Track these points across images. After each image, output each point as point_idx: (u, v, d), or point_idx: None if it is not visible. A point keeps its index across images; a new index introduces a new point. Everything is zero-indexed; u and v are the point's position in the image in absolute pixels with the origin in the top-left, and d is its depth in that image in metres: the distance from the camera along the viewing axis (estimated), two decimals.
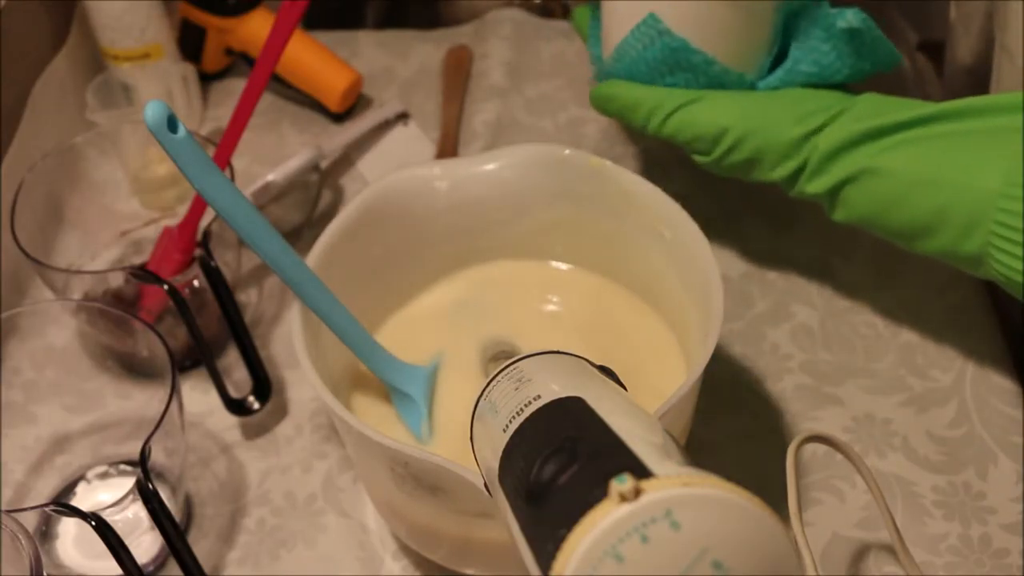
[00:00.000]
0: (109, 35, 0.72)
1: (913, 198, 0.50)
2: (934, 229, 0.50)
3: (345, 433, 0.48)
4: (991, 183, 0.47)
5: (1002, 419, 0.56)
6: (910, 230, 0.51)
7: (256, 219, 0.44)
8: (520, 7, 0.85)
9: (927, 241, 0.51)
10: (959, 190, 0.48)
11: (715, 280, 0.47)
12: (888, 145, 0.51)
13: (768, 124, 0.55)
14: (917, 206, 0.50)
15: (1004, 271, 0.47)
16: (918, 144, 0.50)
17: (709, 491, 0.26)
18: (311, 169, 0.70)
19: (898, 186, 0.50)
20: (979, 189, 0.47)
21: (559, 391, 0.35)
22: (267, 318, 0.64)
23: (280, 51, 0.55)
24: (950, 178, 0.48)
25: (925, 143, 0.50)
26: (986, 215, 0.47)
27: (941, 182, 0.49)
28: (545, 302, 0.56)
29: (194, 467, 0.57)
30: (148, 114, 0.39)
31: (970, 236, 0.48)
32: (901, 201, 0.51)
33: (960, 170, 0.48)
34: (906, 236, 0.52)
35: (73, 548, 0.52)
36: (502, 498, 0.34)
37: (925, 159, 0.50)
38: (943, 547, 0.51)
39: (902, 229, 0.52)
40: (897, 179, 0.50)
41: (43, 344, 0.59)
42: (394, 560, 0.52)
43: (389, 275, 0.55)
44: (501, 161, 0.54)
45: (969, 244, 0.48)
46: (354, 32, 0.84)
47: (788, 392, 0.58)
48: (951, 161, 0.49)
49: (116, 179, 0.68)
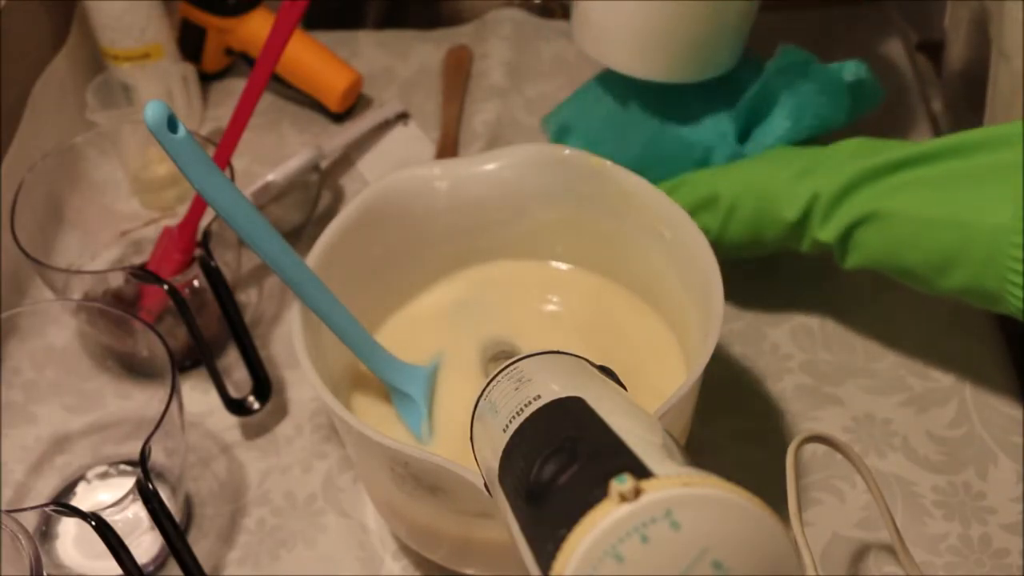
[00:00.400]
0: (109, 35, 0.72)
1: (925, 238, 0.50)
2: (949, 268, 0.50)
3: (345, 433, 0.48)
4: (1002, 219, 0.47)
5: (1002, 419, 0.56)
6: (924, 270, 0.51)
7: (256, 219, 0.44)
8: (520, 7, 0.85)
9: (943, 280, 0.50)
10: (971, 228, 0.48)
11: (715, 280, 0.47)
12: (894, 185, 0.51)
13: (757, 178, 0.56)
14: (930, 246, 0.50)
15: (1022, 306, 0.47)
16: (924, 184, 0.50)
17: (709, 491, 0.26)
18: (311, 169, 0.70)
19: (910, 227, 0.50)
20: (990, 226, 0.47)
21: (559, 391, 0.35)
22: (267, 318, 0.64)
23: (280, 51, 0.55)
24: (960, 216, 0.48)
25: (931, 182, 0.50)
26: (1000, 251, 0.47)
27: (952, 221, 0.49)
28: (545, 302, 0.56)
29: (194, 467, 0.57)
30: (148, 114, 0.39)
31: (986, 273, 0.48)
32: (914, 242, 0.50)
33: (970, 208, 0.48)
34: (921, 277, 0.52)
35: (73, 548, 0.52)
36: (502, 498, 0.34)
37: (933, 198, 0.50)
38: (943, 547, 0.51)
39: (916, 270, 0.51)
40: (908, 220, 0.50)
41: (43, 344, 0.59)
42: (394, 560, 0.52)
43: (389, 275, 0.55)
44: (501, 161, 0.54)
45: (985, 281, 0.48)
46: (354, 32, 0.84)
47: (788, 392, 0.58)
48: (959, 200, 0.49)
49: (116, 179, 0.68)
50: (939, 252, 0.50)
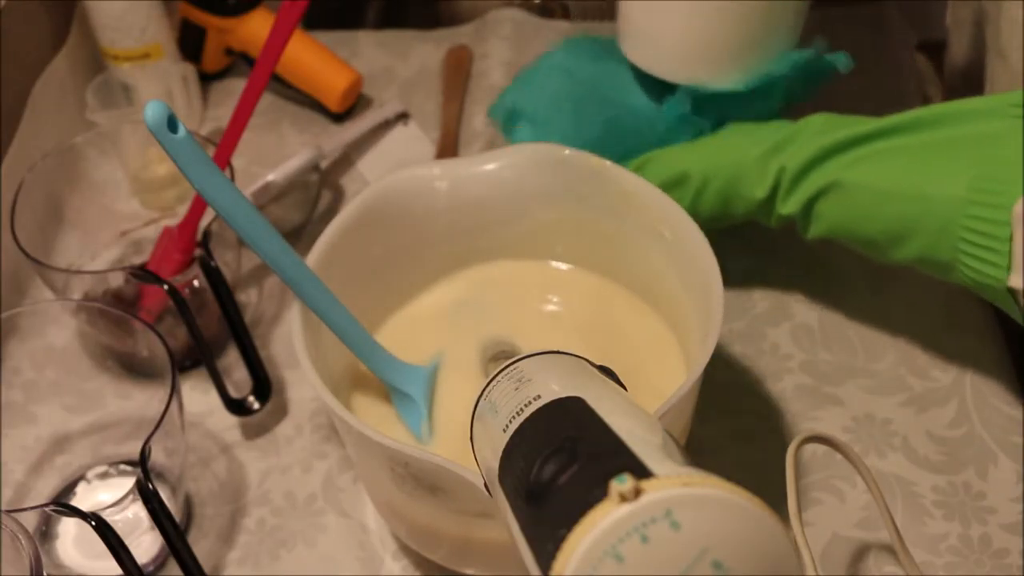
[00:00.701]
0: (109, 35, 0.72)
1: (883, 209, 0.51)
2: (904, 238, 0.51)
3: (345, 433, 0.48)
4: (957, 191, 0.48)
5: (1002, 419, 0.56)
6: (882, 240, 0.52)
7: (256, 219, 0.44)
8: (520, 7, 0.85)
9: (898, 250, 0.52)
10: (926, 200, 0.49)
11: (715, 280, 0.47)
12: (856, 158, 0.52)
13: (727, 157, 0.56)
14: (887, 217, 0.51)
15: (973, 275, 0.48)
16: (884, 156, 0.51)
17: (709, 491, 0.26)
18: (311, 169, 0.70)
19: (868, 198, 0.51)
20: (946, 198, 0.48)
21: (559, 391, 0.35)
22: (267, 318, 0.64)
23: (280, 51, 0.55)
24: (917, 189, 0.49)
25: (890, 155, 0.51)
26: (954, 222, 0.48)
27: (909, 193, 0.50)
28: (545, 302, 0.56)
29: (194, 467, 0.57)
30: (148, 114, 0.39)
31: (940, 244, 0.49)
32: (871, 213, 0.51)
33: (926, 180, 0.49)
34: (878, 246, 0.53)
35: (73, 548, 0.52)
36: (502, 498, 0.34)
37: (892, 171, 0.51)
38: (943, 547, 0.51)
39: (874, 239, 0.52)
40: (866, 191, 0.51)
41: (43, 344, 0.59)
42: (394, 560, 0.52)
43: (389, 275, 0.55)
44: (501, 161, 0.54)
45: (939, 252, 0.49)
46: (354, 32, 0.84)
47: (788, 392, 0.58)
48: (917, 171, 0.50)
49: (116, 179, 0.68)
50: (896, 222, 0.51)
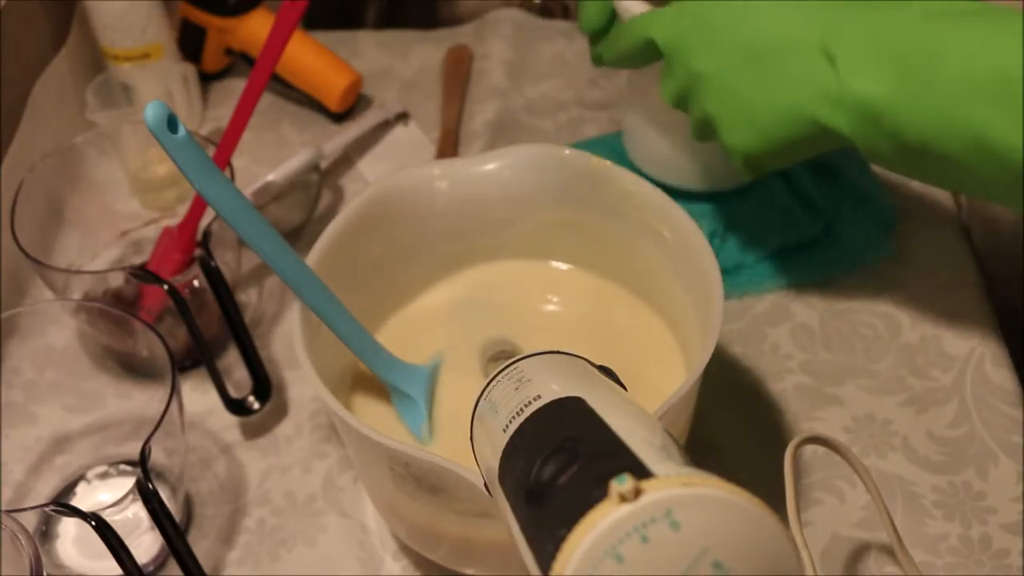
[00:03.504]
0: (109, 35, 0.72)
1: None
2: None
3: (345, 433, 0.48)
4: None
5: (1002, 419, 0.56)
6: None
7: (256, 219, 0.44)
8: (520, 7, 0.85)
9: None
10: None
11: (715, 280, 0.47)
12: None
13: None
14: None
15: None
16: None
17: (709, 491, 0.26)
18: (311, 169, 0.70)
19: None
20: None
21: (559, 391, 0.35)
22: (267, 318, 0.64)
23: (280, 51, 0.55)
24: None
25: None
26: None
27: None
28: (545, 302, 0.56)
29: (194, 467, 0.57)
30: (148, 114, 0.39)
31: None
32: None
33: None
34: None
35: (73, 548, 0.52)
36: (502, 498, 0.34)
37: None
38: (943, 547, 0.51)
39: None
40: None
41: (43, 344, 0.59)
42: (394, 560, 0.52)
43: (389, 275, 0.55)
44: (501, 161, 0.54)
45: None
46: (354, 32, 0.84)
47: (788, 392, 0.58)
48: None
49: (116, 179, 0.68)
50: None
